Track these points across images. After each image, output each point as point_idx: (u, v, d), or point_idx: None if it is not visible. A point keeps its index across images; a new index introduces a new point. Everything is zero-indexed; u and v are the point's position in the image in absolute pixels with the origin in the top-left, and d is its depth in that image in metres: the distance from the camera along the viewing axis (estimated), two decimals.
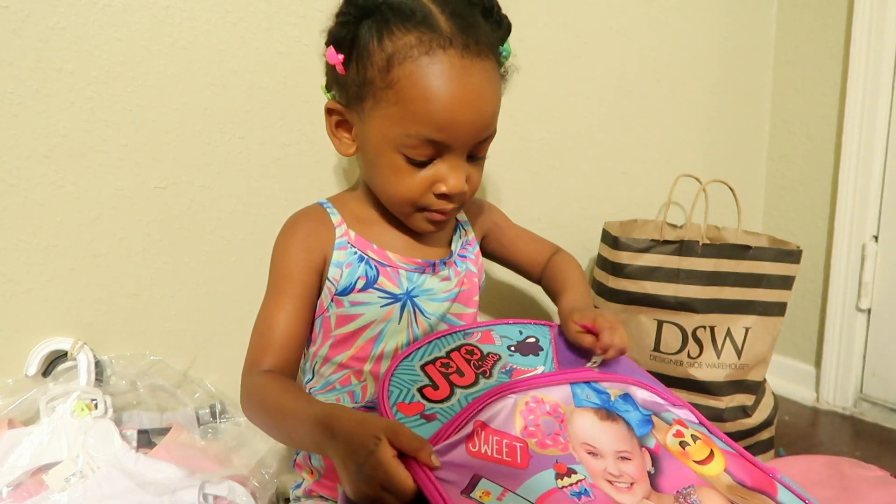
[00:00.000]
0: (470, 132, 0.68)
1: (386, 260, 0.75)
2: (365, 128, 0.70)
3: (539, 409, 0.58)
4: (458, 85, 0.66)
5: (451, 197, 0.70)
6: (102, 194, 0.87)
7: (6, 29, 0.79)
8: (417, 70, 0.65)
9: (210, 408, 0.93)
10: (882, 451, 1.21)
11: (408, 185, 0.70)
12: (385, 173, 0.70)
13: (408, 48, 0.65)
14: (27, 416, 0.83)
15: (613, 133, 1.30)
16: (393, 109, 0.66)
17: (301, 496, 0.79)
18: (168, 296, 0.93)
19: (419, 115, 0.65)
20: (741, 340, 1.08)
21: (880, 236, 1.32)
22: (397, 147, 0.68)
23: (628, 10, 1.27)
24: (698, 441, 0.61)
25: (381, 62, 0.66)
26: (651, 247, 1.08)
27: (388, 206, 0.75)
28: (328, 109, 0.73)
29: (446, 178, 0.69)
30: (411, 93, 0.65)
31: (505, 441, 0.55)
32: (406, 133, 0.66)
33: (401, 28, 0.65)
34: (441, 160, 0.69)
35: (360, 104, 0.69)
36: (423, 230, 0.75)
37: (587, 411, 0.60)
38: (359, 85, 0.68)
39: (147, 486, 0.77)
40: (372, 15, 0.66)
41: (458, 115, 0.66)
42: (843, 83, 1.34)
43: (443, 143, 0.67)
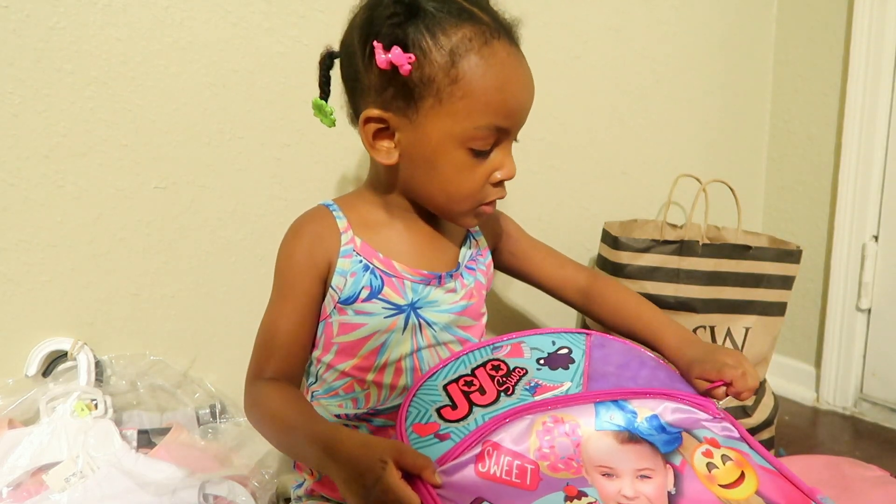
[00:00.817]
0: (525, 114, 0.71)
1: (392, 270, 0.74)
2: (420, 129, 0.68)
3: (557, 430, 0.57)
4: (518, 71, 0.69)
5: (504, 183, 0.72)
6: (102, 194, 0.87)
7: (6, 29, 0.79)
8: (483, 62, 0.65)
9: (210, 408, 0.93)
10: (882, 451, 1.21)
11: (472, 179, 0.70)
12: (448, 172, 0.69)
13: (466, 41, 0.65)
14: (27, 416, 0.83)
15: (613, 133, 1.30)
16: (461, 104, 0.66)
17: (302, 496, 0.79)
18: (168, 296, 0.94)
19: (491, 105, 0.66)
20: (741, 340, 1.08)
21: (880, 236, 1.32)
22: (463, 142, 0.67)
23: (628, 10, 1.27)
24: (729, 462, 0.58)
25: (443, 59, 0.65)
26: (651, 247, 1.08)
27: (441, 207, 0.73)
28: (368, 118, 0.69)
29: (503, 165, 0.70)
30: (481, 84, 0.65)
31: (516, 462, 0.54)
32: (476, 125, 0.67)
33: (451, 23, 0.65)
34: (498, 148, 0.70)
35: (414, 105, 0.67)
36: (470, 225, 0.77)
37: (606, 435, 0.58)
38: (414, 85, 0.66)
39: (147, 486, 0.77)
40: (418, 14, 0.65)
41: (521, 98, 0.69)
42: (843, 83, 1.34)
43: (507, 129, 0.69)
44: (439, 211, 0.74)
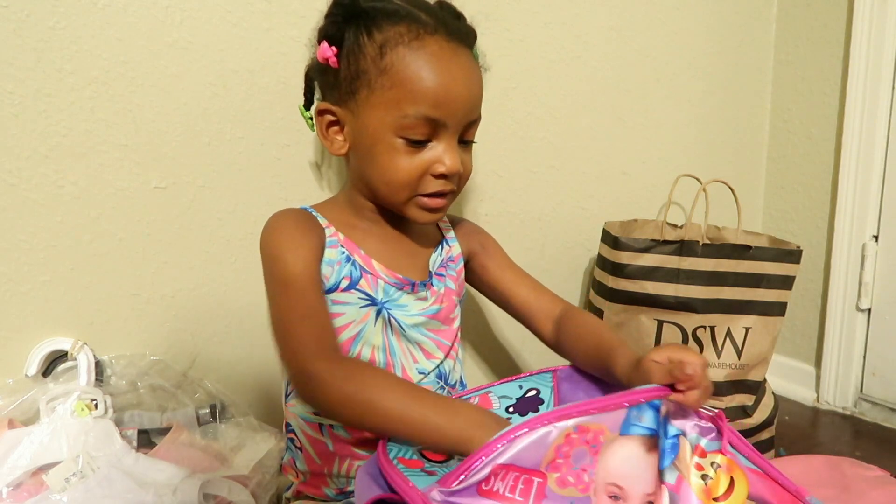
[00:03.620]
0: (463, 108, 0.72)
1: (370, 267, 0.76)
2: (360, 120, 0.72)
3: (579, 439, 0.53)
4: (450, 63, 0.71)
5: (449, 177, 0.73)
6: (102, 194, 0.87)
7: (6, 29, 0.79)
8: (410, 53, 0.69)
9: (210, 408, 0.93)
10: (882, 451, 1.21)
11: (407, 167, 0.72)
12: (384, 160, 0.72)
13: (398, 35, 0.69)
14: (27, 416, 0.83)
15: (613, 133, 1.30)
16: (389, 94, 0.69)
17: (290, 497, 0.80)
18: (168, 296, 0.94)
19: (416, 93, 0.69)
20: (741, 340, 1.08)
21: (880, 236, 1.32)
22: (395, 130, 0.70)
23: (628, 10, 1.27)
24: (719, 470, 0.57)
25: (374, 52, 0.70)
26: (651, 247, 1.08)
27: (384, 198, 0.75)
28: (319, 111, 0.75)
29: (443, 158, 0.72)
30: (406, 73, 0.69)
31: (523, 477, 0.51)
32: (404, 113, 0.69)
33: (388, 21, 0.70)
34: (437, 141, 0.72)
35: (354, 97, 0.72)
36: (419, 219, 0.76)
37: (630, 440, 0.55)
38: (351, 78, 0.71)
39: (147, 486, 0.77)
40: (359, 16, 0.71)
41: (452, 90, 0.70)
42: (843, 83, 1.34)
43: (439, 119, 0.70)
44: (385, 202, 0.77)
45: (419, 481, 0.52)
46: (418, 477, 0.53)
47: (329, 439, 0.75)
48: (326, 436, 0.76)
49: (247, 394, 1.00)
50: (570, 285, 1.31)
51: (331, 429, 0.75)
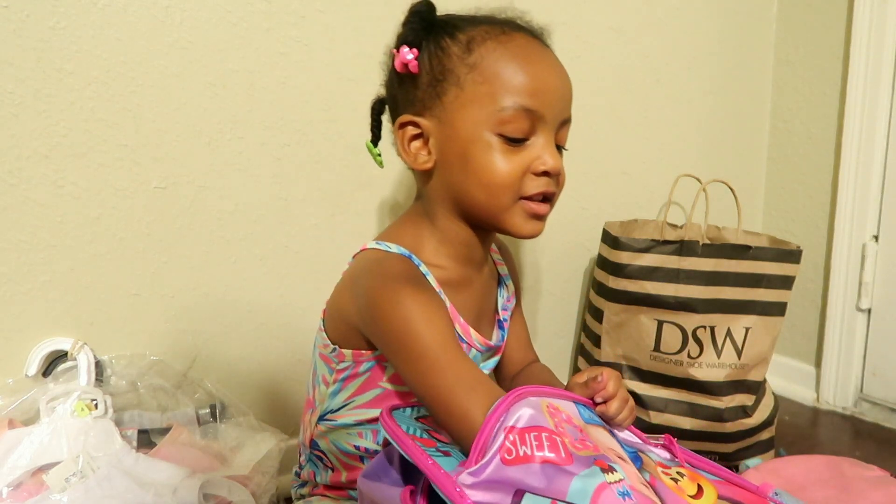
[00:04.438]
0: (560, 100, 0.69)
1: (467, 336, 0.72)
2: (448, 124, 0.68)
3: (559, 416, 0.55)
4: (542, 54, 0.69)
5: (551, 176, 0.68)
6: (102, 194, 0.87)
7: (6, 29, 0.79)
8: (499, 46, 0.66)
9: (210, 408, 0.93)
10: (882, 451, 1.21)
11: (507, 166, 0.66)
12: (481, 161, 0.66)
13: (483, 32, 0.67)
14: (27, 416, 0.83)
15: (613, 133, 1.30)
16: (482, 88, 0.66)
17: (306, 494, 0.79)
18: (168, 296, 0.93)
19: (511, 84, 0.65)
20: (741, 340, 1.08)
21: (880, 236, 1.32)
22: (492, 126, 0.66)
23: (628, 10, 1.27)
24: (684, 477, 0.59)
25: (460, 50, 0.67)
26: (651, 247, 1.08)
27: (484, 207, 0.69)
28: (401, 124, 0.70)
29: (543, 156, 0.67)
30: (499, 65, 0.66)
31: (544, 434, 0.51)
32: (501, 106, 0.65)
33: (469, 24, 0.68)
34: (535, 137, 0.67)
35: (440, 100, 0.68)
36: (523, 231, 0.70)
37: (599, 427, 0.59)
38: (436, 80, 0.67)
39: (147, 486, 0.77)
40: (437, 22, 0.69)
41: (548, 80, 0.68)
42: (843, 83, 1.34)
43: (537, 111, 0.66)
44: (483, 213, 0.69)
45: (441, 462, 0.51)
46: (438, 458, 0.52)
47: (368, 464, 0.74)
48: (366, 461, 0.74)
49: (247, 394, 1.00)
50: (570, 285, 1.31)
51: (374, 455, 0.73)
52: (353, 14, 0.99)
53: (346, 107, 1.00)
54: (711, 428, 1.07)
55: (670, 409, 1.08)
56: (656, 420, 1.08)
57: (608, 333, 1.12)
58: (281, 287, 1.01)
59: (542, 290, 1.27)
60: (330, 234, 1.03)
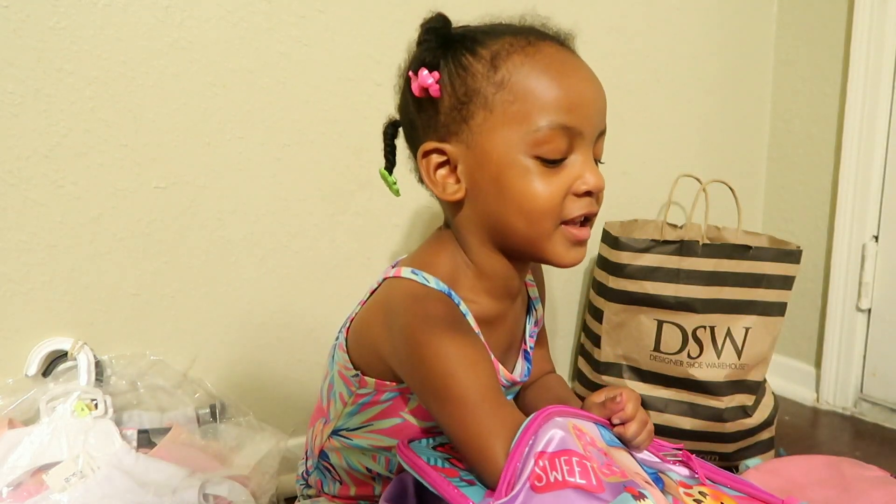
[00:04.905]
0: (597, 112, 0.64)
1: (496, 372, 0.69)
2: (478, 149, 0.62)
3: (584, 439, 0.54)
4: (573, 64, 0.63)
5: (594, 195, 0.63)
6: (102, 194, 0.87)
7: (6, 29, 0.79)
8: (527, 59, 0.61)
9: (210, 408, 0.93)
10: (882, 451, 1.21)
11: (547, 189, 0.61)
12: (518, 187, 0.61)
13: (508, 45, 0.61)
14: (27, 416, 0.83)
15: (613, 133, 1.30)
16: (513, 108, 0.60)
17: (314, 495, 0.79)
18: (168, 296, 0.93)
19: (545, 101, 0.60)
20: (741, 340, 1.08)
21: (880, 236, 1.32)
22: (528, 148, 0.60)
23: (628, 10, 1.27)
24: (707, 497, 0.57)
25: (484, 68, 0.61)
26: (651, 247, 1.08)
27: (523, 236, 0.64)
28: (424, 153, 0.64)
29: (584, 174, 0.62)
30: (529, 81, 0.60)
31: (574, 459, 0.49)
32: (535, 127, 0.60)
33: (490, 37, 0.62)
34: (574, 155, 0.62)
35: (466, 125, 0.62)
36: (565, 260, 0.65)
37: (621, 450, 0.57)
38: (460, 104, 0.62)
39: (147, 486, 0.77)
40: (455, 40, 0.63)
41: (583, 92, 0.62)
42: (843, 83, 1.34)
43: (574, 128, 0.61)
44: (523, 243, 0.64)
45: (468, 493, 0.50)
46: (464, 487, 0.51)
47: (379, 485, 0.74)
48: (378, 482, 0.74)
49: (247, 394, 1.00)
50: (570, 285, 1.31)
51: (385, 480, 0.73)
52: (353, 14, 0.99)
53: (346, 107, 1.00)
54: (711, 428, 1.07)
55: (670, 410, 1.08)
56: (656, 420, 1.08)
57: (608, 333, 1.12)
58: (281, 287, 1.01)
59: None
60: (330, 234, 1.03)
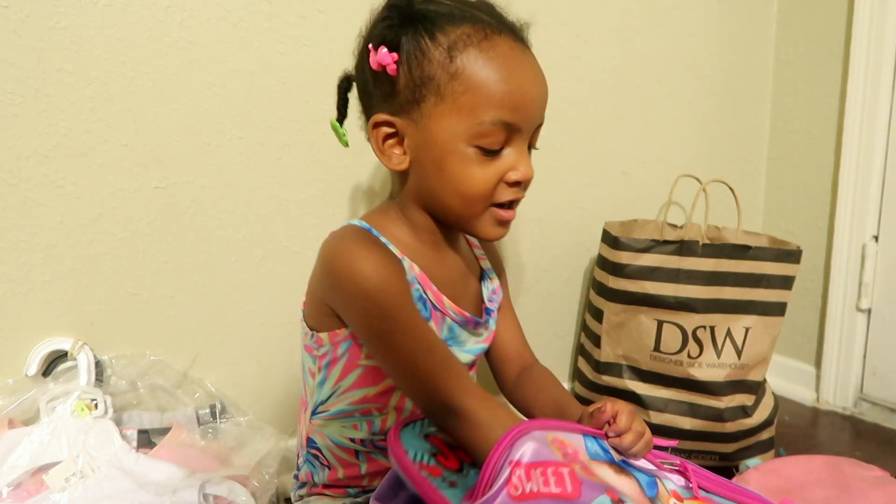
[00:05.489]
0: (537, 110, 0.69)
1: (440, 304, 0.72)
2: (425, 130, 0.66)
3: (564, 450, 0.55)
4: (523, 63, 0.67)
5: (521, 184, 0.69)
6: (102, 194, 0.87)
7: (6, 29, 0.79)
8: (482, 54, 0.64)
9: (210, 408, 0.93)
10: (882, 451, 1.21)
11: (483, 177, 0.67)
12: (457, 171, 0.67)
13: (465, 37, 0.64)
14: (27, 416, 0.83)
15: (613, 133, 1.30)
16: (463, 99, 0.64)
17: (305, 494, 0.79)
18: (168, 296, 0.94)
19: (492, 98, 0.64)
20: (741, 340, 1.08)
21: (880, 236, 1.32)
22: (470, 138, 0.65)
23: (628, 10, 1.27)
24: None
25: (441, 55, 0.64)
26: (651, 247, 1.08)
27: (456, 212, 0.70)
28: (376, 123, 0.68)
29: (517, 165, 0.68)
30: (480, 77, 0.64)
31: (550, 469, 0.51)
32: (480, 120, 0.64)
33: (450, 23, 0.65)
34: (510, 147, 0.67)
35: (417, 106, 0.66)
36: (490, 235, 0.72)
37: (602, 464, 0.58)
38: (415, 85, 0.65)
39: (147, 486, 0.77)
40: (416, 18, 0.65)
41: (528, 92, 0.67)
42: (843, 83, 1.34)
43: (515, 124, 0.66)
44: (455, 218, 0.71)
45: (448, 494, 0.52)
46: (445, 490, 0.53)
47: (364, 463, 0.74)
48: (362, 460, 0.74)
49: (247, 394, 1.00)
50: (570, 285, 1.31)
51: (368, 455, 0.74)
52: (353, 14, 0.99)
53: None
54: (711, 428, 1.07)
55: (670, 409, 1.08)
56: (656, 420, 1.08)
57: (608, 333, 1.12)
58: (281, 287, 1.01)
59: (542, 290, 1.27)
60: None
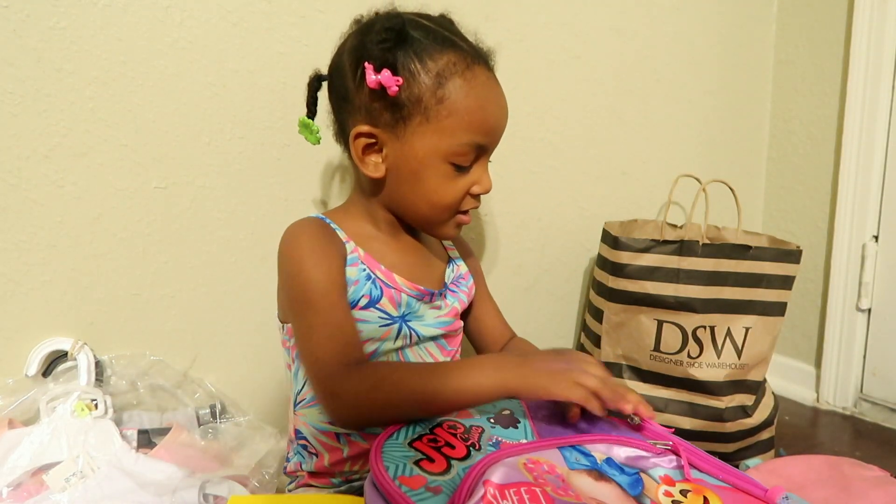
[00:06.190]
0: (501, 133, 0.77)
1: (391, 282, 0.77)
2: (406, 144, 0.73)
3: (538, 469, 0.57)
4: (495, 93, 0.75)
5: (479, 196, 0.78)
6: (102, 194, 0.87)
7: (6, 29, 0.79)
8: (465, 84, 0.72)
9: (210, 408, 0.93)
10: (882, 451, 1.21)
11: (453, 190, 0.75)
12: (432, 184, 0.74)
13: (451, 65, 0.71)
14: (27, 416, 0.83)
15: (613, 133, 1.30)
16: (446, 122, 0.71)
17: (293, 488, 0.80)
18: (168, 296, 0.94)
19: (473, 124, 0.72)
20: (741, 340, 1.08)
21: (880, 236, 1.32)
22: (447, 157, 0.73)
23: (628, 9, 1.27)
24: (689, 494, 0.59)
25: (430, 81, 0.71)
26: (651, 247, 1.08)
27: (424, 218, 0.78)
28: (360, 134, 0.74)
29: (481, 180, 0.77)
30: (464, 104, 0.71)
31: (523, 489, 0.52)
32: (460, 142, 0.72)
33: (436, 49, 0.72)
34: (476, 164, 0.76)
35: (403, 123, 0.72)
36: (449, 235, 0.80)
37: (581, 473, 0.60)
38: (404, 105, 0.71)
39: (147, 486, 0.77)
40: (407, 41, 0.71)
41: (499, 118, 0.76)
42: (843, 83, 1.34)
43: (485, 146, 0.75)
44: (421, 221, 0.79)
45: None
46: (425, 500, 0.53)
47: (346, 446, 0.76)
48: (343, 443, 0.76)
49: (247, 394, 1.00)
50: (570, 285, 1.31)
51: (348, 436, 0.75)
52: (354, 14, 0.99)
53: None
54: (711, 428, 1.07)
55: (670, 409, 1.08)
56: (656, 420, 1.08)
57: (608, 333, 1.12)
58: None
59: (542, 290, 1.27)
60: None
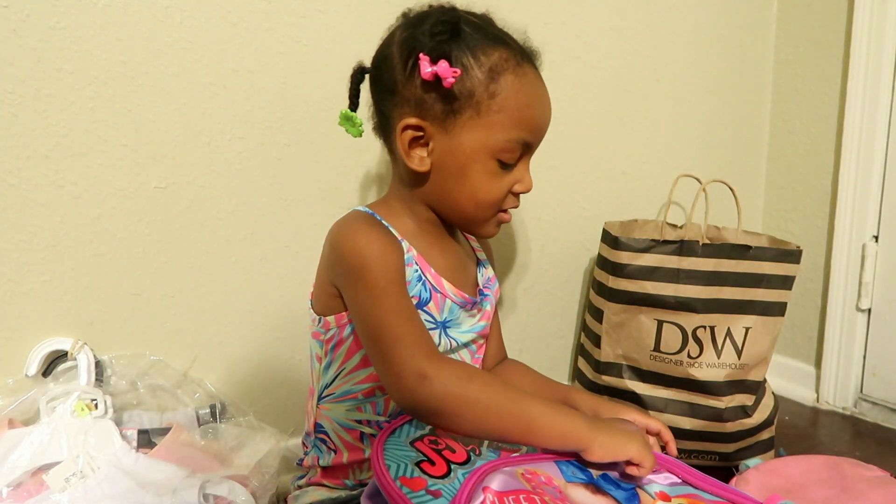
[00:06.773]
0: (545, 132, 0.77)
1: (440, 286, 0.76)
2: (455, 139, 0.71)
3: (536, 479, 0.57)
4: (543, 92, 0.75)
5: (519, 196, 0.78)
6: (102, 194, 0.87)
7: (6, 29, 0.79)
8: (517, 81, 0.71)
9: (210, 408, 0.93)
10: (882, 451, 1.21)
11: (498, 187, 0.74)
12: (477, 180, 0.73)
13: (503, 61, 0.71)
14: (27, 416, 0.83)
15: (613, 133, 1.30)
16: (497, 118, 0.71)
17: (304, 484, 0.79)
18: (168, 296, 0.94)
19: (522, 121, 0.72)
20: (741, 340, 1.08)
21: (880, 236, 1.32)
22: (494, 153, 0.72)
23: (628, 10, 1.27)
24: None
25: (483, 76, 0.70)
26: (651, 247, 1.08)
27: (467, 215, 0.76)
28: (406, 126, 0.72)
29: (523, 178, 0.76)
30: (515, 100, 0.71)
31: (522, 496, 0.53)
32: (508, 138, 0.71)
33: (488, 45, 0.71)
34: (521, 162, 0.75)
35: (454, 117, 0.71)
36: (490, 233, 0.79)
37: (578, 486, 0.60)
38: (456, 98, 0.70)
39: (147, 486, 0.77)
40: (461, 35, 0.70)
41: (546, 118, 0.76)
42: (843, 83, 1.34)
43: (531, 143, 0.74)
44: (463, 218, 0.77)
45: None
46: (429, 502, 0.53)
47: (369, 447, 0.75)
48: (367, 444, 0.76)
49: (247, 394, 1.00)
50: (570, 285, 1.31)
51: (372, 438, 0.75)
52: (353, 14, 0.99)
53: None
54: (711, 428, 1.07)
55: (670, 409, 1.08)
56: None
57: (608, 333, 1.12)
58: (281, 287, 1.01)
59: (542, 290, 1.27)
60: None
